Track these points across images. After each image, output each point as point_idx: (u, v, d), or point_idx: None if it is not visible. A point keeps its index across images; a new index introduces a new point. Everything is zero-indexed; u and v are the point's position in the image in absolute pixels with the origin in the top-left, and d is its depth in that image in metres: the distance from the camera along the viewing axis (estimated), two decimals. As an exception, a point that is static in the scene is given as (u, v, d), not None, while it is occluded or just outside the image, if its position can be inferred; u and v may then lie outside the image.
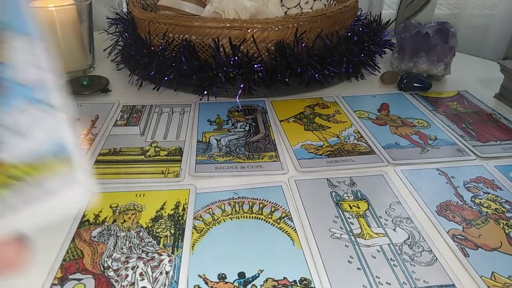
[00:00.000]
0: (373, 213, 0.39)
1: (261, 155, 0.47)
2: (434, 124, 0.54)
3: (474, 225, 0.38)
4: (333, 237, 0.36)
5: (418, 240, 0.36)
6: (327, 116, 0.56)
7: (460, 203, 0.40)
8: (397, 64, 0.68)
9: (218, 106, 0.59)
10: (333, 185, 0.43)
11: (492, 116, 0.56)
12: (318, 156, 0.47)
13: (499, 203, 0.40)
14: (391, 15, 1.06)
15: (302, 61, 0.59)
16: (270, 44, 0.58)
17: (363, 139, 0.51)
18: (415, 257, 0.34)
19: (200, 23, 0.57)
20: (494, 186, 0.43)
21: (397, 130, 0.53)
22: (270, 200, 0.40)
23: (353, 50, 0.65)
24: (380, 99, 0.61)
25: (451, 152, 0.48)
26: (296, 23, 0.58)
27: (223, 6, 0.61)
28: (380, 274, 0.32)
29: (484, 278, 0.32)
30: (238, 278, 0.32)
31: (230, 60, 0.57)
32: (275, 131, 0.53)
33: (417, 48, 0.64)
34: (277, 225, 0.37)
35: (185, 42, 0.58)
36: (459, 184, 0.43)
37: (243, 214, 0.39)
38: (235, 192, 0.41)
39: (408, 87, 0.63)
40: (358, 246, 0.35)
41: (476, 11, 1.16)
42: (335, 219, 0.38)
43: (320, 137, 0.51)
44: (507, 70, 0.60)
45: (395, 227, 0.37)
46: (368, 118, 0.56)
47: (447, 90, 0.64)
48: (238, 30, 0.57)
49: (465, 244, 0.35)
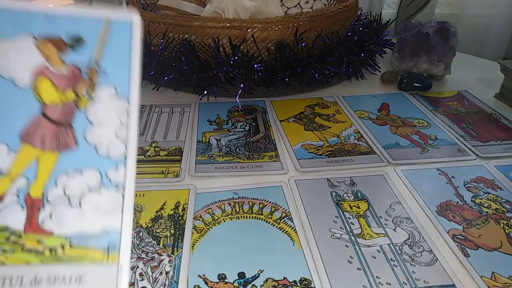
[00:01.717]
0: (373, 213, 0.39)
1: (261, 155, 0.47)
2: (434, 124, 0.54)
3: (474, 225, 0.37)
4: (333, 237, 0.36)
5: (418, 240, 0.36)
6: (327, 116, 0.56)
7: (461, 203, 0.40)
8: (397, 64, 0.68)
9: (218, 106, 0.59)
10: (333, 185, 0.42)
11: (492, 116, 0.56)
12: (318, 156, 0.47)
13: (499, 203, 0.40)
14: (391, 15, 1.06)
15: (302, 60, 0.59)
16: (270, 43, 0.58)
17: (363, 139, 0.51)
18: (415, 257, 0.34)
19: (200, 23, 0.57)
20: (494, 186, 0.43)
21: (397, 130, 0.53)
22: (270, 200, 0.40)
23: (353, 49, 0.65)
24: (380, 99, 0.61)
25: (451, 152, 0.48)
26: (296, 23, 0.58)
27: (223, 6, 0.61)
28: (380, 274, 0.32)
29: (484, 278, 0.32)
30: (238, 278, 0.32)
31: (230, 60, 0.57)
32: (275, 131, 0.53)
33: (418, 48, 0.64)
34: (277, 225, 0.37)
35: (185, 42, 0.58)
36: (459, 184, 0.43)
37: (243, 214, 0.39)
38: (235, 192, 0.41)
39: (408, 87, 0.63)
40: (358, 246, 0.35)
41: (476, 11, 1.16)
42: (335, 219, 0.38)
43: (320, 137, 0.51)
44: (507, 70, 0.60)
45: (395, 227, 0.37)
46: (368, 118, 0.56)
47: (448, 90, 0.64)
48: (238, 30, 0.56)
49: (465, 244, 0.35)
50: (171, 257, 0.34)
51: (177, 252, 0.34)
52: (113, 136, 0.23)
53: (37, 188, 0.23)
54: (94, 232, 0.23)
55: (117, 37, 0.24)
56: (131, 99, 0.24)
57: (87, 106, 0.24)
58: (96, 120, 0.24)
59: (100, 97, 0.24)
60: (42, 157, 0.23)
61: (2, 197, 0.23)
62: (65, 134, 0.24)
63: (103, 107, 0.24)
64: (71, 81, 0.24)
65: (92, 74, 0.24)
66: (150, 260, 0.33)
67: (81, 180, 0.23)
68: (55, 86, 0.24)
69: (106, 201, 0.23)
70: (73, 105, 0.24)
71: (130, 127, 0.24)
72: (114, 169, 0.23)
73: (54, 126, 0.24)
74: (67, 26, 0.24)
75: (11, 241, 0.22)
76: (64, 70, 0.24)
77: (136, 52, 0.24)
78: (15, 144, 0.23)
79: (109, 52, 0.24)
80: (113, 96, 0.24)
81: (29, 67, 0.24)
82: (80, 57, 0.24)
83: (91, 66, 0.24)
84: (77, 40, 0.24)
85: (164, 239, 0.35)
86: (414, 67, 0.65)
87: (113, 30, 0.24)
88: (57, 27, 0.24)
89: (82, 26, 0.24)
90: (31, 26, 0.23)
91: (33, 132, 0.23)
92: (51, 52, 0.24)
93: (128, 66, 0.24)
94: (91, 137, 0.24)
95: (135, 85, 0.24)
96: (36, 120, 0.24)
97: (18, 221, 0.22)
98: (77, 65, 0.24)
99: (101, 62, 0.24)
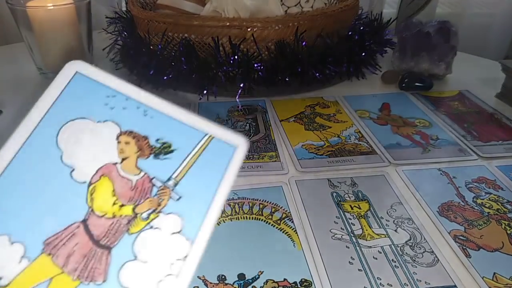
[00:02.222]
0: (374, 213, 0.39)
1: (261, 155, 0.47)
2: (435, 124, 0.54)
3: (475, 225, 0.37)
4: (334, 238, 0.36)
5: (419, 241, 0.35)
6: (327, 115, 0.56)
7: (462, 204, 0.40)
8: (398, 63, 0.67)
9: (218, 105, 0.59)
10: (334, 185, 0.42)
11: (493, 116, 0.56)
12: (319, 156, 0.47)
13: (501, 204, 0.40)
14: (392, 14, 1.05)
15: (302, 60, 0.59)
16: (270, 43, 0.58)
17: (364, 139, 0.50)
18: (417, 258, 0.34)
19: (200, 22, 0.56)
20: (496, 186, 0.42)
21: (399, 130, 0.52)
22: (270, 200, 0.40)
23: (354, 49, 0.64)
24: (381, 98, 0.61)
25: (452, 152, 0.48)
26: (297, 22, 0.58)
27: (223, 5, 0.61)
28: (382, 275, 0.32)
29: (486, 279, 0.32)
30: (238, 280, 0.32)
31: (230, 59, 0.57)
32: (275, 131, 0.52)
33: (418, 47, 0.64)
34: (278, 226, 0.37)
35: (184, 41, 0.58)
36: (460, 185, 0.42)
37: (243, 215, 0.38)
38: (235, 193, 0.41)
39: (409, 86, 0.63)
40: (359, 247, 0.35)
41: (477, 10, 1.16)
42: (336, 219, 0.38)
43: (320, 137, 0.51)
44: (508, 70, 0.60)
45: (397, 227, 0.37)
46: (369, 118, 0.55)
47: (449, 90, 0.64)
48: (238, 29, 0.56)
49: (466, 244, 0.35)
50: (171, 258, 0.33)
51: (177, 253, 0.34)
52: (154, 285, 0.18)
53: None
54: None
55: (212, 160, 0.19)
56: (196, 241, 0.18)
57: (140, 233, 0.18)
58: (141, 255, 0.18)
59: (159, 227, 0.18)
60: (57, 279, 0.18)
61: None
62: (98, 259, 0.18)
63: (157, 241, 0.18)
64: (136, 194, 0.19)
65: (163, 195, 0.19)
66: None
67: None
68: (115, 194, 0.19)
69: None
70: (124, 225, 0.18)
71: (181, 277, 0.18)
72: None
73: (90, 243, 0.18)
74: (163, 128, 0.19)
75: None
76: (134, 179, 0.19)
77: (228, 184, 0.19)
78: (35, 251, 0.18)
79: (196, 175, 0.19)
80: (176, 231, 0.18)
81: (97, 161, 0.19)
82: (160, 169, 0.19)
83: (167, 184, 0.19)
84: (165, 147, 0.19)
85: (163, 240, 0.35)
86: (415, 66, 0.65)
87: (212, 150, 0.19)
88: (151, 125, 0.19)
89: (179, 134, 0.19)
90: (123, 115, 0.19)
91: (62, 242, 0.18)
92: (130, 153, 0.19)
93: (212, 197, 0.19)
94: (126, 277, 0.18)
95: (209, 224, 0.18)
96: (73, 228, 0.18)
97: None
98: (152, 177, 0.19)
99: (181, 183, 0.19)
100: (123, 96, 0.20)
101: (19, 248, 0.18)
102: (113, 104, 0.19)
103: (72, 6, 0.63)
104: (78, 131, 0.19)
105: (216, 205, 0.19)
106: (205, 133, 0.19)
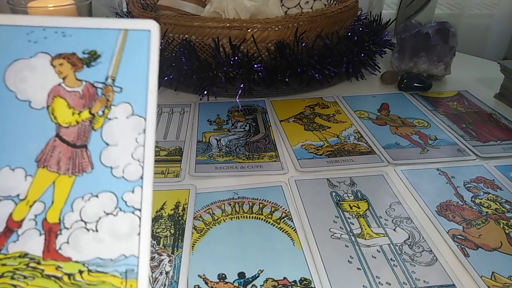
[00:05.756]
0: (373, 213, 0.39)
1: (261, 155, 0.47)
2: (434, 124, 0.54)
3: (474, 225, 0.37)
4: (333, 237, 0.36)
5: (418, 240, 0.36)
6: (327, 116, 0.56)
7: (460, 203, 0.40)
8: (397, 64, 0.68)
9: (218, 106, 0.59)
10: (333, 185, 0.43)
11: (492, 116, 0.56)
12: (318, 156, 0.47)
13: (499, 203, 0.40)
14: (391, 15, 1.06)
15: (302, 61, 0.59)
16: (270, 44, 0.58)
17: (363, 139, 0.51)
18: (415, 257, 0.34)
19: (200, 23, 0.57)
20: (494, 186, 0.43)
21: (397, 130, 0.53)
22: (270, 200, 0.40)
23: (353, 50, 0.65)
24: (380, 99, 0.61)
25: (451, 152, 0.48)
26: (296, 23, 0.58)
27: (223, 6, 0.61)
28: (380, 274, 0.32)
29: (484, 278, 0.32)
30: (238, 278, 0.32)
31: (230, 60, 0.57)
32: (275, 131, 0.53)
33: (417, 48, 0.64)
34: (277, 225, 0.37)
35: (185, 42, 0.58)
36: (459, 184, 0.43)
37: (243, 214, 0.39)
38: (235, 192, 0.41)
39: (408, 87, 0.63)
40: (358, 246, 0.35)
41: (476, 11, 1.16)
42: (335, 219, 0.38)
43: (320, 137, 0.51)
44: (507, 70, 0.60)
45: (395, 227, 0.37)
46: (368, 118, 0.56)
47: (447, 90, 0.64)
48: (238, 30, 0.56)
49: (465, 244, 0.35)
50: (171, 257, 0.34)
51: (177, 252, 0.34)
52: (129, 157, 0.22)
53: (54, 213, 0.22)
54: (111, 257, 0.22)
55: (134, 50, 0.22)
56: (148, 116, 0.22)
57: (103, 126, 0.23)
58: (111, 141, 0.23)
59: (115, 116, 0.23)
60: (58, 181, 0.23)
61: (21, 223, 0.22)
62: (80, 156, 0.23)
63: (118, 126, 0.22)
64: (86, 100, 0.23)
65: (108, 92, 0.23)
66: (150, 260, 0.33)
67: (97, 204, 0.22)
68: (70, 106, 0.23)
69: (122, 225, 0.22)
70: (88, 125, 0.23)
71: (147, 146, 0.22)
72: (130, 192, 0.22)
73: (69, 148, 0.23)
74: (83, 40, 0.22)
75: (31, 267, 0.22)
76: (79, 89, 0.23)
77: (154, 65, 0.23)
78: (32, 169, 0.23)
79: (125, 67, 0.22)
80: (129, 114, 0.22)
81: (45, 88, 0.23)
82: (96, 74, 0.23)
83: (107, 83, 0.22)
84: (92, 55, 0.22)
85: (164, 239, 0.36)
86: (414, 67, 0.65)
87: (130, 42, 0.22)
88: (73, 42, 0.22)
89: (98, 39, 0.22)
90: (47, 43, 0.22)
91: (49, 155, 0.23)
92: (67, 71, 0.23)
93: (146, 80, 0.23)
94: (107, 159, 0.23)
95: (152, 101, 0.22)
96: (52, 142, 0.23)
97: (36, 247, 0.22)
98: (93, 82, 0.23)
99: (117, 78, 0.23)
100: (39, 28, 0.23)
101: (20, 171, 0.23)
102: (35, 38, 0.22)
103: (73, 7, 0.64)
104: (18, 71, 0.22)
105: (152, 82, 0.23)
106: (119, 29, 0.23)
